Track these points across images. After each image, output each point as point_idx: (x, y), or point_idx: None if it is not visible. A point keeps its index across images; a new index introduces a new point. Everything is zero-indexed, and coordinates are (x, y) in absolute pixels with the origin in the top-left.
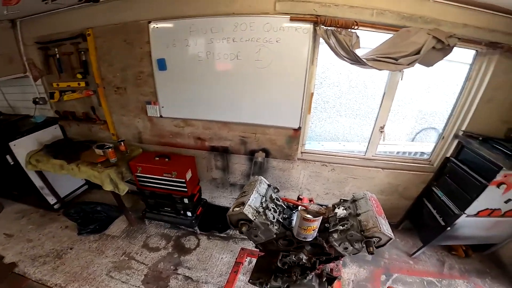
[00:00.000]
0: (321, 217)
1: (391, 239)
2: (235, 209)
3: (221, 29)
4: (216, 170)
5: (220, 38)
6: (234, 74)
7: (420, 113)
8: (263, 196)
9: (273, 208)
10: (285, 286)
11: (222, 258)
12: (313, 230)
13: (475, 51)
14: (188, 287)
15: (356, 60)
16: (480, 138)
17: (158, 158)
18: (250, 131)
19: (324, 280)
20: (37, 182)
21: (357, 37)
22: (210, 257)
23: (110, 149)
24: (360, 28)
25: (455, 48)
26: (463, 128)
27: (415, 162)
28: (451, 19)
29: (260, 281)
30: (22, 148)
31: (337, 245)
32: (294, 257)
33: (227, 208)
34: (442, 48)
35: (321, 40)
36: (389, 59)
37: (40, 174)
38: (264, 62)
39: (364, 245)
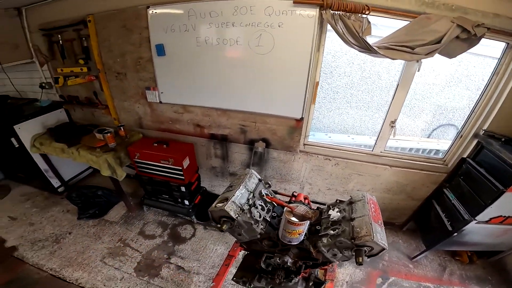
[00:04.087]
0: (308, 221)
1: (384, 249)
2: (218, 204)
3: (220, 13)
4: (216, 159)
5: (219, 23)
6: (233, 60)
7: (439, 109)
8: (251, 192)
9: (260, 205)
10: (269, 287)
11: (216, 249)
12: (299, 234)
13: (505, 43)
14: (179, 277)
15: (366, 48)
16: (503, 139)
17: (156, 144)
18: (249, 119)
19: (311, 284)
20: (42, 165)
21: (368, 22)
22: (204, 247)
23: (109, 134)
24: (372, 13)
25: (482, 39)
26: (485, 127)
27: (428, 161)
28: (481, 7)
29: (243, 280)
30: (27, 131)
31: (325, 251)
32: (279, 259)
33: None
34: (467, 38)
35: (329, 26)
36: (405, 48)
37: (45, 157)
38: (265, 48)
39: (354, 254)
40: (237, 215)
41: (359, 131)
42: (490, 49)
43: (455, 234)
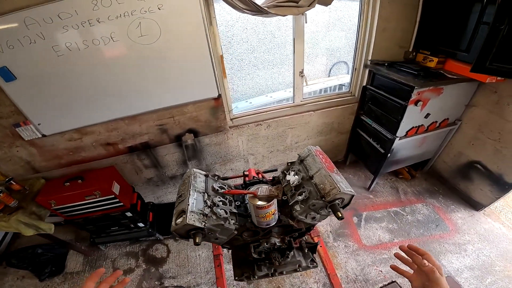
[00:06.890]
0: (275, 199)
1: (353, 195)
2: (178, 221)
3: (74, 13)
4: (147, 170)
5: (77, 23)
6: (117, 60)
7: (328, 51)
8: (204, 193)
9: (220, 202)
10: (272, 271)
11: (199, 255)
12: (273, 214)
13: None
14: None
15: (257, 10)
16: (386, 64)
17: (68, 183)
18: (165, 116)
19: (306, 250)
20: None
21: None
22: (187, 258)
23: (1, 194)
24: None
25: None
26: (369, 57)
27: (340, 97)
28: None
29: (246, 275)
30: None
31: (303, 217)
32: (266, 244)
33: None
34: None
35: None
36: (291, 3)
37: None
38: (152, 36)
39: (330, 210)
40: (203, 223)
41: (273, 88)
42: None
43: (389, 155)
